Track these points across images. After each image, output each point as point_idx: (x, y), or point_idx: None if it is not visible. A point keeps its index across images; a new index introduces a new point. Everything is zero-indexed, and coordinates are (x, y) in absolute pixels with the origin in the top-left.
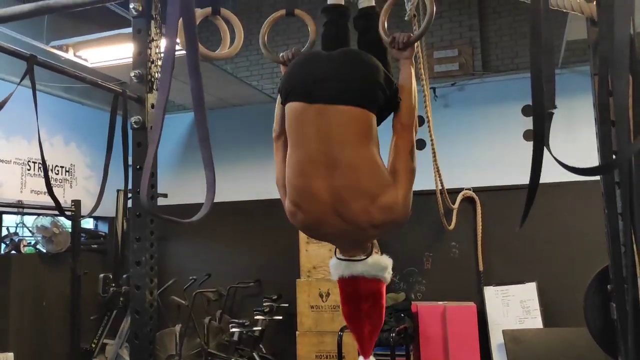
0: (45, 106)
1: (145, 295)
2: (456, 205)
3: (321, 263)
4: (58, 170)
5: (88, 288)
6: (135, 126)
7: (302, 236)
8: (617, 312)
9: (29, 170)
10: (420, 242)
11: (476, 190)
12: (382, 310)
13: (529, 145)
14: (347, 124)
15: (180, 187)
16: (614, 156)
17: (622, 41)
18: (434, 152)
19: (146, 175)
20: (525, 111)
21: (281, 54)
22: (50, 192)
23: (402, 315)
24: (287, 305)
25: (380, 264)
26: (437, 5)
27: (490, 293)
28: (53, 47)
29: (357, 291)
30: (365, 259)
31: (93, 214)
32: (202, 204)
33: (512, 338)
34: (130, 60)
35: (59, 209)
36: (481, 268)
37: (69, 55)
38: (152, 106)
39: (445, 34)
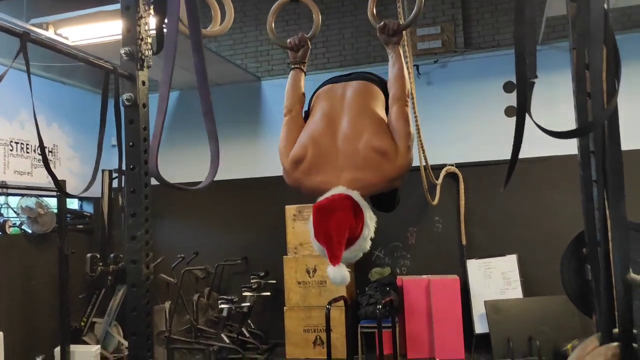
0: (26, 85)
1: (141, 269)
2: (439, 181)
3: (307, 240)
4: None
5: (76, 268)
6: (127, 103)
7: (289, 214)
8: (591, 273)
9: (11, 150)
10: (404, 218)
11: (459, 165)
12: (357, 219)
13: (510, 121)
14: (363, 89)
15: (166, 166)
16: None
17: (597, 16)
18: (417, 129)
19: (155, 144)
20: (507, 87)
21: (288, 40)
22: (48, 168)
23: (388, 289)
24: (274, 281)
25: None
26: None
27: (473, 266)
28: (33, 25)
29: (332, 203)
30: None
31: (79, 195)
32: (186, 183)
33: (493, 308)
34: (113, 38)
35: (57, 185)
36: (464, 242)
37: (49, 34)
38: (143, 83)
39: (427, 12)
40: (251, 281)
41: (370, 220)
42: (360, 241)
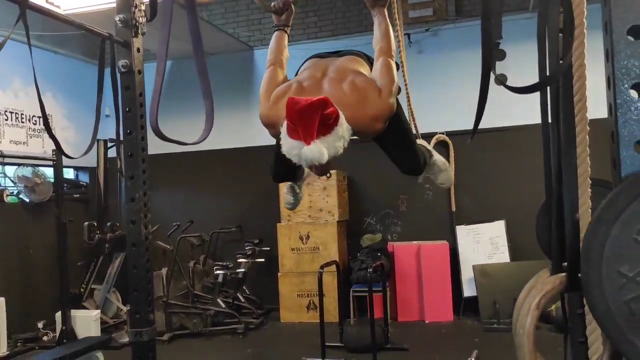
0: (19, 54)
1: (140, 229)
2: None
3: (300, 207)
4: (35, 121)
5: (73, 236)
6: (123, 70)
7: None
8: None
9: (6, 120)
10: (395, 186)
11: (449, 134)
12: (331, 111)
13: (500, 89)
14: (348, 58)
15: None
16: None
17: None
18: (408, 98)
19: (155, 100)
20: (498, 56)
21: (272, 3)
22: (50, 133)
23: (379, 254)
24: (268, 248)
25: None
26: None
27: (462, 232)
28: None
29: (307, 98)
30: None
31: (75, 165)
32: (183, 152)
33: (481, 272)
34: (103, 6)
35: (59, 148)
36: (453, 209)
37: (41, 2)
38: (138, 50)
39: None
40: (246, 248)
41: (347, 127)
42: (333, 134)
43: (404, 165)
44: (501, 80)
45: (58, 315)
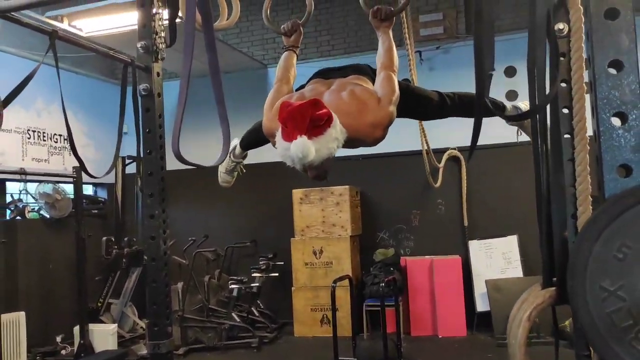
0: (42, 75)
1: (159, 244)
2: (442, 164)
3: (314, 222)
4: (57, 139)
5: (92, 251)
6: (143, 93)
7: (296, 197)
8: (539, 232)
9: (29, 138)
10: (408, 201)
11: (461, 149)
12: (324, 113)
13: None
14: (351, 77)
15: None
16: None
17: (540, 17)
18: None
19: (176, 128)
20: (508, 72)
21: (282, 26)
22: (75, 154)
23: (392, 269)
24: (282, 263)
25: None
26: None
27: (475, 246)
28: (48, 17)
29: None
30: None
31: (94, 181)
32: (192, 169)
33: (494, 287)
34: (124, 29)
35: (83, 168)
36: (466, 223)
37: (64, 26)
38: (158, 74)
39: None
40: (260, 263)
41: (341, 129)
42: (326, 135)
43: (418, 112)
44: (494, 110)
45: (76, 329)
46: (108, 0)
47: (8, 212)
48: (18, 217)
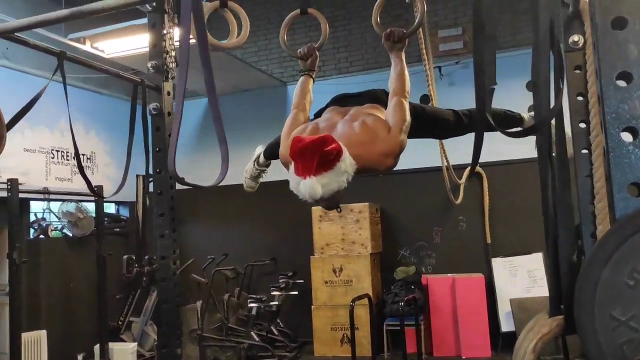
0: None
1: (169, 264)
2: (463, 180)
3: (334, 240)
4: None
5: (112, 269)
6: (153, 112)
7: (315, 215)
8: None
9: (52, 158)
10: (429, 217)
11: (482, 165)
12: (334, 148)
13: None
14: (366, 106)
15: (195, 171)
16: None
17: (544, 30)
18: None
19: (172, 148)
20: (530, 86)
21: (299, 50)
22: (83, 173)
23: (413, 287)
24: (302, 281)
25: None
26: None
27: (498, 264)
28: (71, 39)
29: (312, 136)
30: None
31: (116, 200)
32: (218, 186)
33: (519, 306)
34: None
35: (91, 189)
36: (488, 241)
37: (87, 47)
38: (168, 94)
39: (449, 13)
40: (280, 281)
41: (350, 163)
42: (336, 169)
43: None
44: (495, 126)
45: (97, 347)
46: (129, 22)
47: (32, 231)
48: (41, 236)
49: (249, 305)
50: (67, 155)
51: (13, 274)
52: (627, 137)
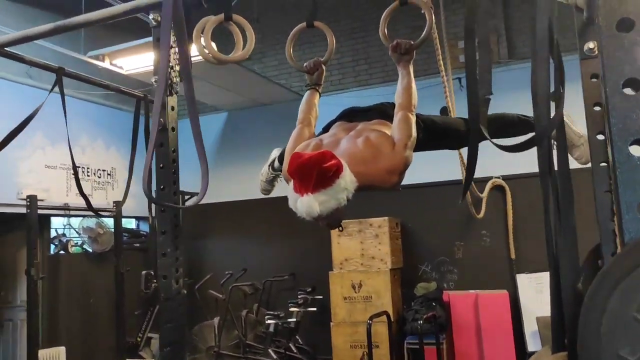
0: (86, 113)
1: (171, 284)
2: (485, 194)
3: (352, 255)
4: (100, 174)
5: (132, 285)
6: (157, 127)
7: (334, 230)
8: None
9: (73, 174)
10: (450, 232)
11: (505, 178)
12: (333, 164)
13: None
14: (373, 122)
15: (216, 186)
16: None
17: (542, 37)
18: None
19: (147, 168)
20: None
21: (305, 64)
22: (81, 191)
23: (434, 304)
24: (321, 297)
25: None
26: None
27: (523, 280)
28: (90, 57)
29: (312, 152)
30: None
31: (136, 215)
32: (237, 201)
33: (546, 324)
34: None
35: (88, 205)
36: (513, 256)
37: (106, 64)
38: (172, 109)
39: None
40: (298, 297)
41: (350, 180)
42: (335, 186)
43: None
44: (490, 140)
45: None
46: (146, 38)
47: (52, 246)
48: (62, 252)
49: (267, 322)
50: (88, 172)
51: (31, 290)
52: (636, 150)
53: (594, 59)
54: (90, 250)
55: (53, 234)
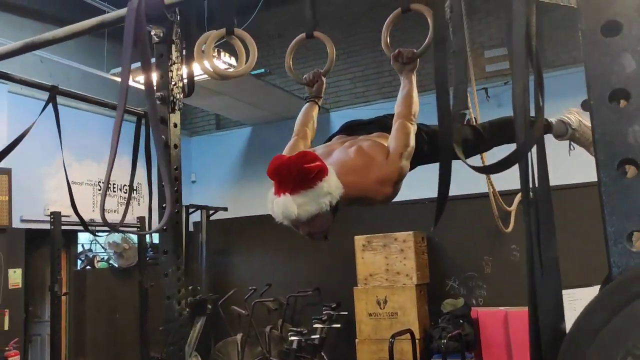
0: (112, 129)
1: (173, 305)
2: (514, 207)
3: (377, 270)
4: (126, 190)
5: (157, 300)
6: None
7: (358, 244)
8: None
9: (99, 190)
10: (479, 246)
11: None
12: (316, 166)
13: None
14: (373, 137)
15: (240, 200)
16: None
17: (518, 38)
18: (481, 155)
19: (103, 191)
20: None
21: (304, 76)
22: (75, 208)
23: (461, 321)
24: (346, 313)
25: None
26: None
27: None
28: (113, 74)
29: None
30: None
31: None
32: (261, 215)
33: None
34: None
35: (83, 224)
36: None
37: (129, 82)
38: (175, 125)
39: (495, 32)
40: (322, 313)
41: (335, 185)
42: (317, 189)
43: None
44: (462, 159)
45: None
46: None
47: (79, 262)
48: (88, 267)
49: (290, 339)
50: (114, 187)
51: (54, 306)
52: (625, 171)
53: None
54: (116, 265)
55: (80, 249)
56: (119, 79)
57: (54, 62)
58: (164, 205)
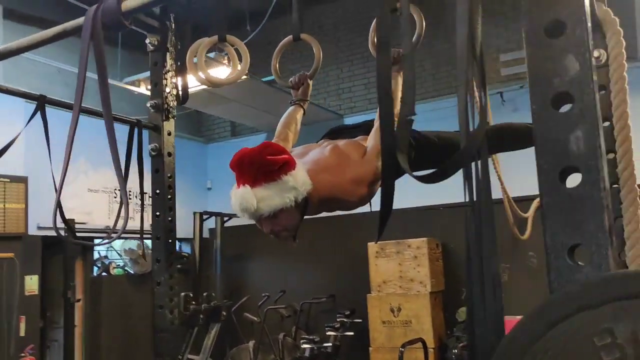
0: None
1: (165, 314)
2: (530, 213)
3: (391, 277)
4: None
5: None
6: (152, 153)
7: (371, 251)
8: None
9: (115, 197)
10: None
11: None
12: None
13: None
14: (352, 140)
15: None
16: None
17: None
18: (494, 161)
19: (57, 197)
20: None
21: (290, 79)
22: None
23: None
24: (360, 320)
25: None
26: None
27: None
28: (126, 83)
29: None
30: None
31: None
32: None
33: None
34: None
35: (72, 233)
36: None
37: (142, 89)
38: (169, 133)
39: (510, 36)
40: (337, 320)
41: (303, 181)
42: (281, 182)
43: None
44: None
45: None
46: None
47: (95, 269)
48: (104, 273)
49: (302, 346)
50: (130, 194)
51: (68, 312)
52: (567, 181)
53: (600, 69)
54: (132, 272)
55: (96, 255)
56: (132, 88)
57: (69, 72)
58: (157, 213)
